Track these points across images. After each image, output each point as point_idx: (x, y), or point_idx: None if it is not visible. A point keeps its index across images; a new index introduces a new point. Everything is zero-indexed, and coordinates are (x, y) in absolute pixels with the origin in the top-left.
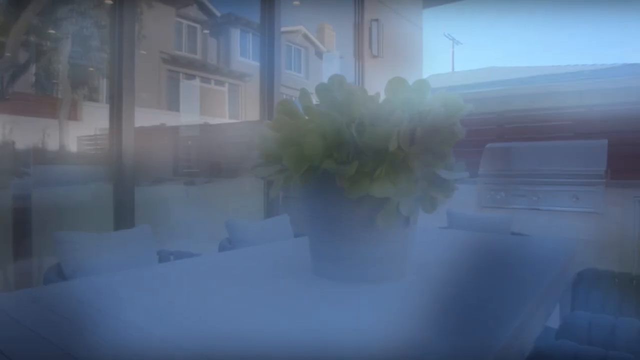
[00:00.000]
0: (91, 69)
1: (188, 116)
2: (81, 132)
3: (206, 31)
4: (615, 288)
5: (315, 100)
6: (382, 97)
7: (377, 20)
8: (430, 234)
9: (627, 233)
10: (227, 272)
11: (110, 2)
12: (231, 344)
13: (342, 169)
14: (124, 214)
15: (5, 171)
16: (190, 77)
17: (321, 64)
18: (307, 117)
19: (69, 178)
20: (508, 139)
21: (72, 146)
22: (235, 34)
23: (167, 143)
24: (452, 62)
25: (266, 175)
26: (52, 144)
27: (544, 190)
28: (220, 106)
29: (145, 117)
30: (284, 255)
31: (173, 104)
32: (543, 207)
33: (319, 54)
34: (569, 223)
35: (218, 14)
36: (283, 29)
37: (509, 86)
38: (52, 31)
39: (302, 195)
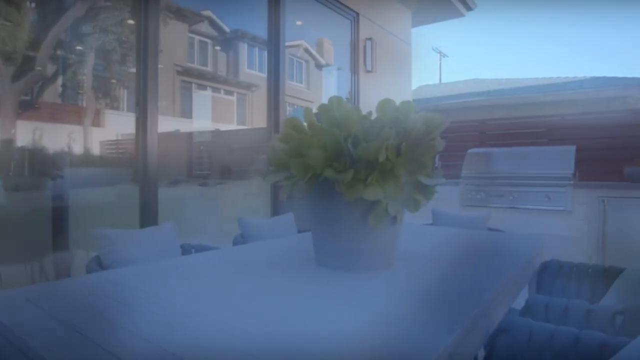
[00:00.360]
0: (113, 80)
1: (200, 123)
2: (104, 138)
3: (218, 47)
4: (573, 276)
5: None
6: (374, 114)
7: (370, 39)
8: (416, 230)
9: (592, 228)
10: (243, 263)
11: (132, 21)
12: (250, 320)
13: (340, 177)
14: (148, 212)
15: (42, 173)
16: (202, 87)
17: (320, 75)
18: (310, 133)
19: (96, 179)
20: (489, 144)
21: (96, 150)
22: (243, 48)
23: (181, 147)
24: (440, 73)
25: (276, 181)
26: (78, 149)
27: (519, 190)
28: (229, 114)
29: (162, 123)
30: (290, 249)
31: (186, 112)
32: (519, 206)
33: (319, 66)
34: (541, 220)
35: (227, 30)
36: (286, 43)
37: (491, 97)
38: (77, 46)
39: (307, 198)
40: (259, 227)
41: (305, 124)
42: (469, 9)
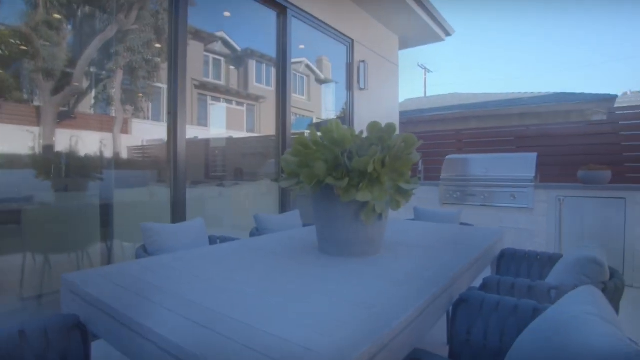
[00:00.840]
0: (139, 94)
1: (215, 130)
2: (130, 143)
3: (232, 67)
4: (525, 261)
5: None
6: (365, 133)
7: (363, 61)
8: (400, 224)
9: (550, 223)
10: (260, 250)
11: (159, 45)
12: (268, 294)
13: (338, 183)
14: (178, 209)
15: (84, 176)
16: (216, 99)
17: (320, 89)
18: (315, 149)
19: (127, 180)
20: (465, 151)
21: (125, 154)
22: (252, 64)
23: (200, 152)
24: (425, 87)
25: (289, 186)
26: (109, 153)
27: (489, 191)
28: (240, 123)
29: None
30: (298, 239)
31: (202, 121)
32: (489, 204)
33: (319, 80)
34: (508, 216)
35: (238, 48)
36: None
37: (466, 109)
38: (108, 64)
39: (312, 199)
40: (270, 221)
41: (310, 141)
42: (448, 34)
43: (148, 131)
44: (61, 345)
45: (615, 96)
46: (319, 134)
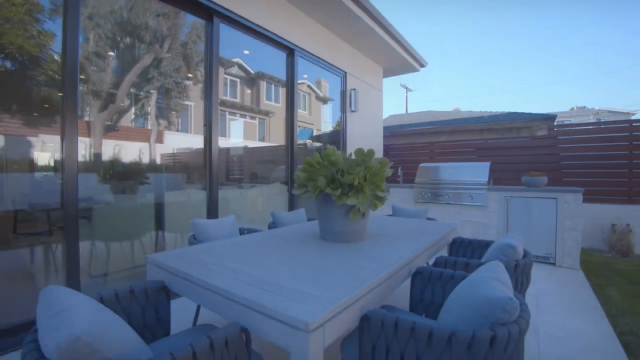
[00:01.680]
0: (171, 111)
1: (233, 140)
2: (164, 152)
3: (246, 87)
4: (470, 246)
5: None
6: (353, 156)
7: (354, 89)
8: (380, 219)
9: (499, 218)
10: (278, 238)
11: (190, 75)
12: (283, 266)
13: (334, 192)
14: (213, 206)
15: (133, 179)
16: (233, 114)
17: (319, 105)
18: (318, 168)
19: (165, 183)
20: (436, 159)
21: (159, 161)
22: (263, 85)
23: (221, 158)
24: (406, 104)
25: (299, 193)
26: (147, 160)
27: (453, 192)
28: (253, 134)
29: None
30: (304, 230)
31: (222, 132)
32: (453, 202)
33: (318, 98)
34: (467, 212)
35: (252, 72)
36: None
37: (439, 125)
38: (145, 86)
39: (316, 203)
40: (283, 217)
41: (315, 162)
42: (422, 66)
43: (178, 141)
44: (154, 300)
45: (555, 115)
46: (315, 133)
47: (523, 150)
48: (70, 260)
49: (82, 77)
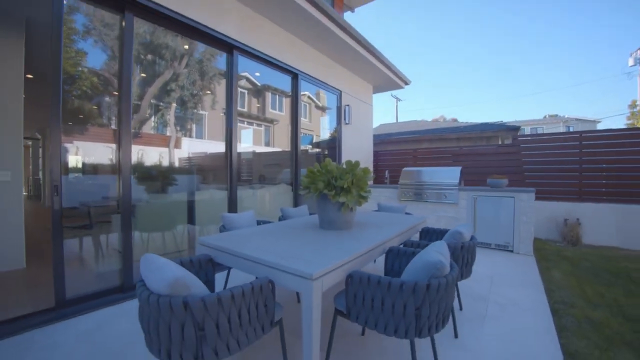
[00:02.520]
0: (187, 119)
1: (242, 145)
2: (181, 156)
3: (254, 100)
4: (435, 234)
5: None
6: (344, 165)
7: (348, 105)
8: (366, 213)
9: (468, 213)
10: (288, 227)
11: (208, 92)
12: (292, 248)
13: (330, 193)
14: (232, 203)
15: (162, 180)
16: (241, 121)
17: (319, 113)
18: (318, 175)
19: (184, 183)
20: (418, 164)
21: (177, 164)
22: (268, 96)
23: (219, 162)
24: (396, 113)
25: (304, 194)
26: (166, 163)
27: (430, 192)
28: (259, 140)
29: (218, 145)
30: (307, 221)
31: (211, 135)
32: (430, 200)
33: (317, 107)
34: (441, 209)
35: (258, 84)
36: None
37: (421, 134)
38: (165, 97)
39: (317, 201)
40: (290, 212)
41: (316, 171)
42: (406, 84)
43: (193, 146)
44: (205, 268)
45: (519, 127)
46: (316, 140)
47: (492, 156)
48: (126, 244)
49: (109, 89)
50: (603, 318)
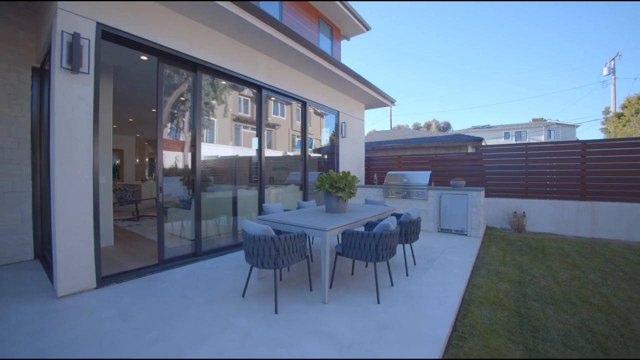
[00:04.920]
0: (204, 127)
1: (247, 149)
2: (203, 158)
3: (255, 104)
4: (398, 216)
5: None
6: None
7: (344, 122)
8: (356, 204)
9: (435, 207)
10: (305, 211)
11: (213, 93)
12: (312, 219)
13: (332, 190)
14: (261, 198)
15: (199, 181)
16: (246, 127)
17: (318, 119)
18: (326, 180)
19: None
20: (401, 168)
21: (191, 166)
22: (270, 103)
23: (244, 164)
24: (390, 119)
25: (317, 191)
26: (182, 165)
27: (408, 190)
28: (251, 138)
29: (225, 149)
30: (317, 209)
31: (237, 142)
32: (407, 198)
33: (316, 113)
34: (415, 203)
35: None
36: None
37: (405, 142)
38: (181, 107)
39: (324, 195)
40: (304, 204)
41: (324, 177)
42: (392, 102)
43: (205, 150)
44: (271, 236)
45: (482, 138)
46: (317, 147)
47: (460, 162)
48: (197, 225)
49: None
50: (506, 270)
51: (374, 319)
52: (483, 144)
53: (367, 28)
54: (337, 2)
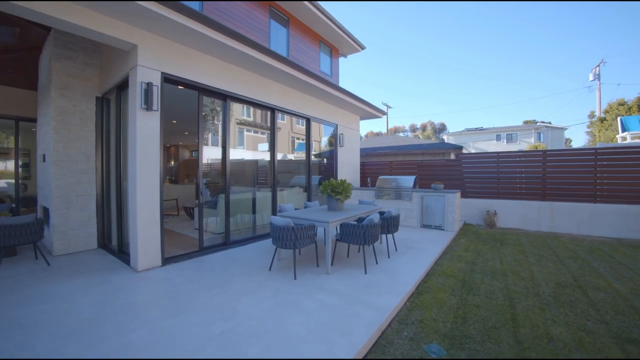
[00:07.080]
0: (207, 131)
1: (250, 151)
2: (202, 161)
3: (260, 112)
4: (383, 212)
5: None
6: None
7: (342, 133)
8: (352, 204)
9: (418, 207)
10: (312, 209)
11: (218, 102)
12: (317, 216)
13: (333, 194)
14: (274, 198)
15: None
16: (249, 130)
17: (319, 126)
18: (329, 186)
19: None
20: (392, 173)
21: (220, 171)
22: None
23: (251, 168)
24: (387, 122)
25: (321, 194)
26: (192, 169)
27: (396, 192)
28: (264, 145)
29: (234, 152)
30: (321, 208)
31: (240, 145)
32: (395, 199)
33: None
34: (402, 204)
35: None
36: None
37: (396, 149)
38: (211, 127)
39: (327, 198)
40: (309, 204)
41: (327, 183)
42: (384, 114)
43: (210, 153)
44: (291, 226)
45: (462, 146)
46: (317, 152)
47: (442, 168)
48: (227, 219)
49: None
50: (466, 255)
51: (362, 282)
52: (464, 151)
53: (362, 47)
54: (336, 29)
